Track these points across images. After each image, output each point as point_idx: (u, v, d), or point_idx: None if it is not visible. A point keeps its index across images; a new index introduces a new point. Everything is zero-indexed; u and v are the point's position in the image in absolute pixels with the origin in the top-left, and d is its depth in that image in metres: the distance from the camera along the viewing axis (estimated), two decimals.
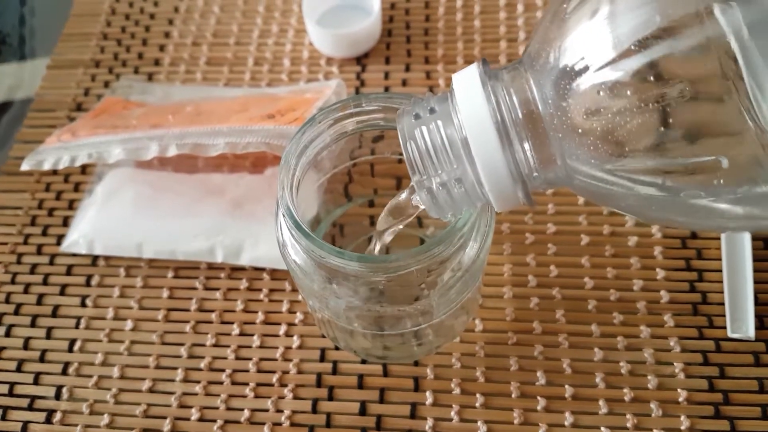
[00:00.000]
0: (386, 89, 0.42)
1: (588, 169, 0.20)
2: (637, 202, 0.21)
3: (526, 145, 0.21)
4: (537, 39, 0.21)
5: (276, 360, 0.33)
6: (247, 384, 0.33)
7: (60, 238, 0.38)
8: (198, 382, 0.33)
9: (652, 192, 0.19)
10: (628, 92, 0.19)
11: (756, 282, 0.33)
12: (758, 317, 0.33)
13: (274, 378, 0.33)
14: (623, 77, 0.19)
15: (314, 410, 0.32)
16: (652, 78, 0.18)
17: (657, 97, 0.18)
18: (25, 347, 0.35)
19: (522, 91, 0.21)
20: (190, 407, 0.32)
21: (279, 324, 0.34)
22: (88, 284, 0.36)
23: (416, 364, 0.33)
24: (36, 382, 0.34)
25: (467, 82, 0.21)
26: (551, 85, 0.20)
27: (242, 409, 0.32)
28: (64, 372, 0.34)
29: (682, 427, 0.30)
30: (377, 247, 0.28)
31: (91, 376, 0.34)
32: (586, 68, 0.19)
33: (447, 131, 0.21)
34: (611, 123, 0.19)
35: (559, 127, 0.20)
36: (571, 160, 0.21)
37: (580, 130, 0.20)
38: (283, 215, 0.25)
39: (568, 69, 0.20)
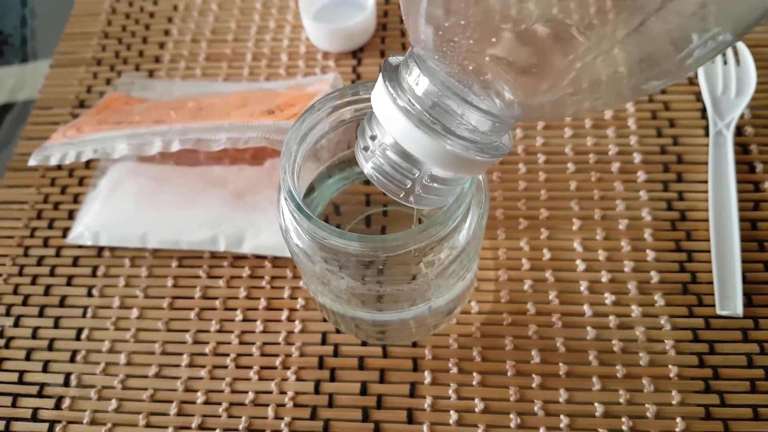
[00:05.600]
0: None
1: (516, 103, 0.20)
2: (593, 103, 0.20)
3: (453, 120, 0.21)
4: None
5: (279, 344, 0.34)
6: (251, 367, 0.34)
7: (65, 231, 0.39)
8: (203, 366, 0.34)
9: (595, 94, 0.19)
10: (490, 23, 0.18)
11: (743, 261, 0.34)
12: (746, 295, 0.34)
13: (277, 361, 0.34)
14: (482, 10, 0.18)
15: (316, 391, 0.33)
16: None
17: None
18: (34, 336, 0.36)
19: (420, 73, 0.21)
20: (196, 391, 0.33)
21: (281, 309, 0.35)
22: (94, 275, 0.37)
23: (415, 345, 0.34)
24: (45, 370, 0.35)
25: (378, 95, 0.22)
26: (433, 51, 0.20)
27: (246, 392, 0.33)
28: (72, 360, 0.35)
29: (673, 402, 0.31)
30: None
31: (98, 363, 0.35)
32: (449, 19, 0.19)
33: (392, 149, 0.22)
34: (505, 59, 0.19)
35: (463, 86, 0.20)
36: (500, 108, 0.21)
37: (482, 78, 0.20)
38: (285, 199, 0.26)
39: (437, 29, 0.20)
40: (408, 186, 0.23)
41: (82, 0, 0.50)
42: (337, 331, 0.34)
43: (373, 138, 0.23)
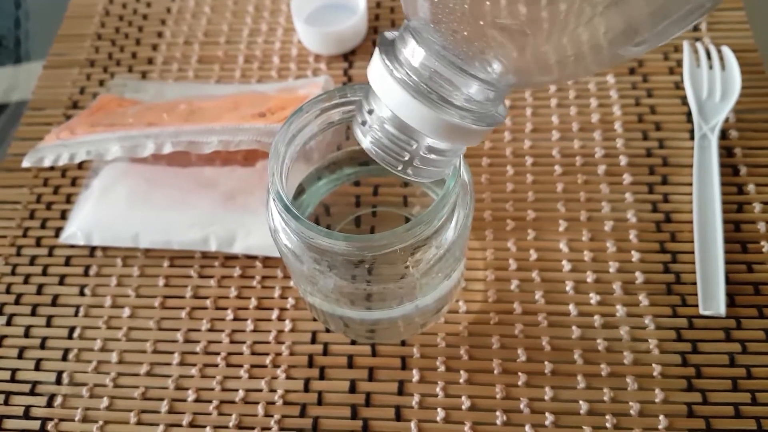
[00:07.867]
0: None
1: (512, 69, 0.20)
2: (597, 58, 0.20)
3: (450, 91, 0.21)
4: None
5: (269, 343, 0.35)
6: (241, 366, 0.34)
7: (58, 231, 0.39)
8: (194, 365, 0.34)
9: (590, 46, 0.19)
10: None
11: (726, 262, 0.35)
12: (728, 295, 0.34)
13: (268, 360, 0.34)
14: None
15: (306, 389, 0.33)
16: None
17: None
18: (26, 335, 0.36)
19: (416, 45, 0.21)
20: (187, 389, 0.34)
21: (271, 309, 0.36)
22: (86, 274, 0.38)
23: (403, 343, 0.34)
24: (37, 368, 0.35)
25: (375, 68, 0.22)
26: (429, 21, 0.20)
27: (237, 390, 0.33)
28: (64, 358, 0.35)
29: (657, 400, 0.32)
30: None
31: (90, 362, 0.35)
32: None
33: (390, 122, 0.23)
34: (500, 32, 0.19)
35: (459, 57, 0.21)
36: (496, 75, 0.21)
37: (478, 45, 0.20)
38: (274, 200, 0.26)
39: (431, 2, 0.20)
40: (406, 158, 0.23)
41: (76, 2, 0.51)
42: (327, 330, 0.35)
43: (370, 112, 0.23)
